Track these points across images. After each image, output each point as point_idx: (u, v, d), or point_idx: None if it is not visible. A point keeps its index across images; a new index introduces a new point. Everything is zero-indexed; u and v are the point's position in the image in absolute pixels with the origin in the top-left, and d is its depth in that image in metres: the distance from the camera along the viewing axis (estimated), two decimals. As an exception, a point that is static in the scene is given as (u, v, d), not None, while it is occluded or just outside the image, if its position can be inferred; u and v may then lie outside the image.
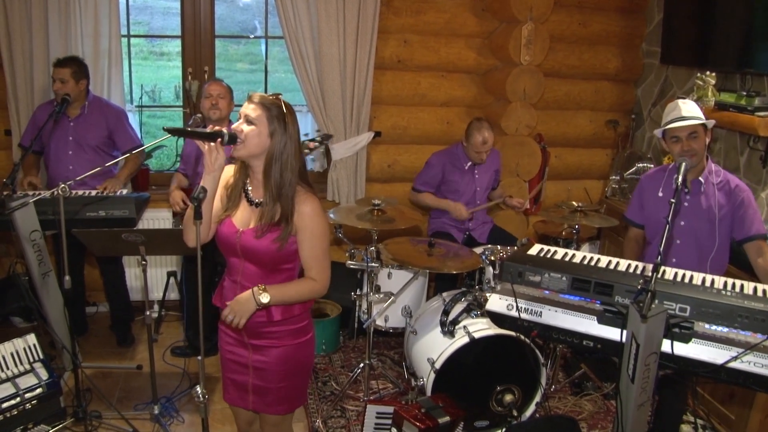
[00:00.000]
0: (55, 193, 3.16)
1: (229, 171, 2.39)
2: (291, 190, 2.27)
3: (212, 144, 2.19)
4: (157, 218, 4.62)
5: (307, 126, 4.93)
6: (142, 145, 4.17)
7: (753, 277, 3.10)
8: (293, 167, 2.27)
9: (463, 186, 4.40)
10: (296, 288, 2.36)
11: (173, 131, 2.26)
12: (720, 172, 3.16)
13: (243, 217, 2.34)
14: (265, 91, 5.15)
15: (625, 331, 2.07)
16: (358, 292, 4.02)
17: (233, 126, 2.25)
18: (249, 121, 2.23)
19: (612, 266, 2.35)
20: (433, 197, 4.44)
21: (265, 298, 2.27)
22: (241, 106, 2.33)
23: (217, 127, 2.21)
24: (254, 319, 2.34)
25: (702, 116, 3.02)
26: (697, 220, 3.14)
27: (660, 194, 3.25)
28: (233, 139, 2.20)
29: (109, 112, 4.15)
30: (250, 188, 2.36)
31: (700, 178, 3.13)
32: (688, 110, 3.02)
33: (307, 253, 2.34)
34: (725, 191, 3.12)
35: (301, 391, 2.57)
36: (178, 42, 4.76)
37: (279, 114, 2.24)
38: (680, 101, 3.09)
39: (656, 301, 2.04)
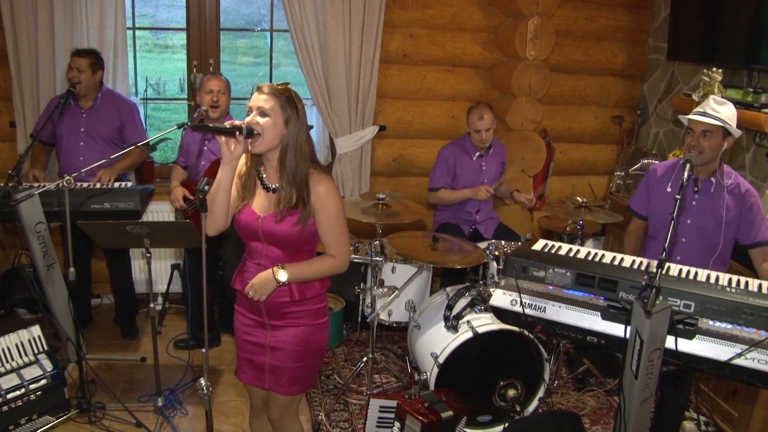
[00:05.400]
0: (61, 185, 3.17)
1: (240, 161, 2.44)
2: (305, 173, 2.33)
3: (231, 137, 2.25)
4: (161, 211, 4.63)
5: (312, 119, 4.93)
6: (149, 143, 4.18)
7: (754, 274, 3.09)
8: (305, 152, 2.33)
9: (471, 177, 4.40)
10: (314, 266, 2.44)
11: (196, 128, 2.36)
12: (732, 175, 3.12)
13: (261, 204, 2.40)
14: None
15: (629, 327, 2.07)
16: (362, 286, 4.03)
17: (248, 119, 2.29)
18: (263, 113, 2.27)
19: (616, 262, 2.35)
20: (451, 192, 4.40)
21: (282, 277, 2.35)
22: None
23: (236, 122, 2.25)
24: (277, 299, 2.43)
25: (729, 121, 2.94)
26: (703, 220, 3.12)
27: (668, 189, 3.22)
28: (251, 132, 2.24)
29: (121, 104, 4.18)
30: (264, 175, 2.42)
31: (712, 179, 3.10)
32: (715, 109, 2.96)
33: (326, 232, 2.40)
34: (735, 194, 3.08)
35: (313, 373, 2.63)
36: (183, 35, 4.76)
37: (290, 102, 2.29)
38: (714, 97, 3.03)
39: (661, 298, 2.04)
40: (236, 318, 2.60)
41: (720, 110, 2.96)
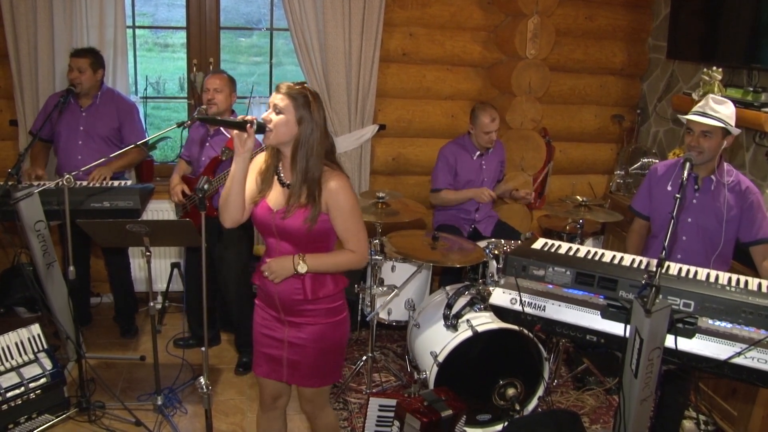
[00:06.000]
0: (60, 183, 3.17)
1: (261, 158, 2.52)
2: (317, 172, 2.38)
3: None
4: (161, 209, 4.63)
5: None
6: (147, 142, 4.18)
7: (756, 274, 3.09)
8: (318, 152, 2.39)
9: (472, 176, 4.39)
10: (334, 259, 2.49)
11: (205, 120, 2.52)
12: (732, 173, 3.12)
13: (276, 198, 2.46)
14: (270, 84, 5.18)
15: (628, 326, 2.07)
16: (361, 285, 4.02)
17: (263, 115, 2.38)
18: (278, 111, 2.36)
19: (616, 261, 2.35)
20: (453, 192, 4.38)
21: (302, 268, 2.41)
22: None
23: (248, 117, 2.34)
24: (291, 296, 2.49)
25: (728, 121, 2.94)
26: (704, 218, 3.12)
27: (669, 188, 3.22)
28: (262, 127, 2.33)
29: (121, 104, 4.17)
30: (282, 171, 2.48)
31: (712, 177, 3.10)
32: (714, 109, 2.95)
33: (341, 227, 2.45)
34: (736, 192, 3.08)
35: (335, 368, 2.68)
36: (183, 33, 4.75)
37: (305, 102, 2.36)
38: (713, 96, 3.03)
39: (660, 296, 2.04)
40: (255, 312, 2.67)
41: (719, 110, 2.95)
